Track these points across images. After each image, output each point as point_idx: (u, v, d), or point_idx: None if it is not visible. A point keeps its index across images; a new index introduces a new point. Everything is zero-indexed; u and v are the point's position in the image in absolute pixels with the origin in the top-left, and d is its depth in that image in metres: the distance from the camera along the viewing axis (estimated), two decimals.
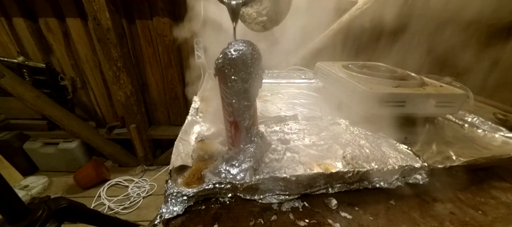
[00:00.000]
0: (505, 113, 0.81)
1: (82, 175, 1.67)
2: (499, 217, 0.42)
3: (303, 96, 0.96)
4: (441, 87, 0.70)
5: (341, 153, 0.55)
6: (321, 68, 0.93)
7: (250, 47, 0.43)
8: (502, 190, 0.49)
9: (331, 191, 0.45)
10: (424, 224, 0.40)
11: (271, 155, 0.52)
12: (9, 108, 1.77)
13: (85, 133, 1.80)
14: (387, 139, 0.58)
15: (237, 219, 0.39)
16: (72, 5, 1.49)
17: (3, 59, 1.54)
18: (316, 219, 0.40)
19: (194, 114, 0.69)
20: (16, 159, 1.68)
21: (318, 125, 0.68)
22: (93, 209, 0.85)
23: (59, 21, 1.55)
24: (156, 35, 1.61)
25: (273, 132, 0.64)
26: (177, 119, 1.95)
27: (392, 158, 0.53)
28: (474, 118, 0.75)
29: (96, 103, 1.88)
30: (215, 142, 0.59)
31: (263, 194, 0.43)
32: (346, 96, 0.73)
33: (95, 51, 1.65)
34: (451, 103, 0.66)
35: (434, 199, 0.45)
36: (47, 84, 1.65)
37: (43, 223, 0.59)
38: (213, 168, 0.47)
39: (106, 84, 1.80)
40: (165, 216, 0.38)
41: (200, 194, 0.41)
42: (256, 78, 0.45)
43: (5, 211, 0.55)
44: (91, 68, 1.72)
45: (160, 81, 1.79)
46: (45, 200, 0.64)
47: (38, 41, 1.59)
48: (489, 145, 0.64)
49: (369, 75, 0.73)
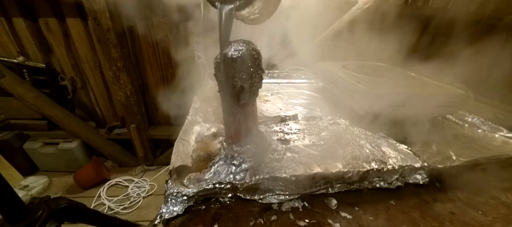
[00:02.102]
0: (505, 113, 0.81)
1: (82, 175, 1.67)
2: (499, 217, 0.42)
3: (303, 96, 0.96)
4: (441, 87, 0.70)
5: (341, 153, 0.55)
6: (321, 68, 0.93)
7: (250, 47, 0.43)
8: (502, 190, 0.49)
9: (331, 191, 0.45)
10: (424, 224, 0.40)
11: (271, 155, 0.52)
12: (9, 109, 1.77)
13: (85, 133, 1.80)
14: (387, 139, 0.58)
15: (237, 219, 0.39)
16: (72, 5, 1.49)
17: (3, 59, 1.54)
18: (316, 219, 0.40)
19: (194, 114, 0.69)
20: (16, 159, 1.68)
21: (318, 125, 0.68)
22: (93, 209, 0.85)
23: (59, 21, 1.55)
24: (156, 35, 1.61)
25: (273, 132, 0.64)
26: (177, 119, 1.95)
27: (392, 158, 0.53)
28: (474, 118, 0.75)
29: (96, 103, 1.88)
30: (215, 142, 0.59)
31: (263, 194, 0.43)
32: (346, 96, 0.73)
33: (95, 51, 1.65)
34: (451, 103, 0.66)
35: (434, 199, 0.45)
36: (47, 84, 1.64)
37: (43, 223, 0.59)
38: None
39: (106, 84, 1.80)
40: (165, 216, 0.38)
41: (200, 194, 0.41)
42: (256, 78, 0.45)
43: (5, 211, 0.55)
44: (91, 68, 1.72)
45: (160, 81, 1.79)
46: (45, 200, 0.64)
47: (38, 41, 1.58)
48: (489, 145, 0.64)
49: (369, 75, 0.73)
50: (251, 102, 0.47)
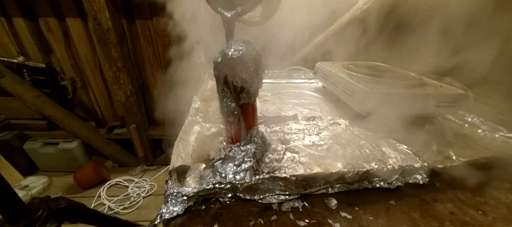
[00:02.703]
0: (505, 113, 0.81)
1: (82, 175, 1.67)
2: (499, 217, 0.42)
3: (303, 96, 0.96)
4: (441, 87, 0.70)
5: (341, 153, 0.55)
6: (321, 68, 0.93)
7: (250, 47, 0.43)
8: (502, 190, 0.49)
9: (331, 191, 0.45)
10: (424, 224, 0.40)
11: (271, 155, 0.52)
12: (9, 108, 1.77)
13: (85, 133, 1.80)
14: (387, 139, 0.58)
15: (237, 219, 0.39)
16: (72, 5, 1.49)
17: (3, 59, 1.54)
18: (316, 219, 0.40)
19: (194, 114, 0.69)
20: (16, 159, 1.68)
21: (318, 125, 0.68)
22: (93, 209, 0.85)
23: (59, 21, 1.55)
24: (156, 35, 1.61)
25: (273, 132, 0.64)
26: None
27: (392, 158, 0.53)
28: (474, 118, 0.75)
29: (96, 103, 1.88)
30: (215, 142, 0.59)
31: (263, 194, 0.43)
32: (346, 96, 0.73)
33: (95, 51, 1.65)
34: (451, 103, 0.66)
35: (434, 199, 0.45)
36: (47, 84, 1.65)
37: (43, 223, 0.59)
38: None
39: (106, 84, 1.80)
40: (165, 216, 0.38)
41: (200, 194, 0.41)
42: (256, 78, 0.45)
43: (5, 211, 0.55)
44: (91, 68, 1.72)
45: (160, 81, 1.79)
46: (45, 200, 0.64)
47: (38, 41, 1.59)
48: (489, 145, 0.64)
49: (369, 75, 0.73)
50: (251, 102, 0.47)
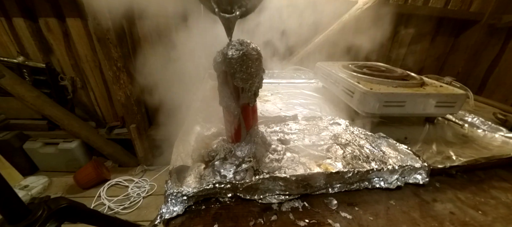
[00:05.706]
0: (505, 113, 0.81)
1: (82, 175, 1.67)
2: (499, 217, 0.42)
3: (303, 96, 0.96)
4: (441, 87, 0.70)
5: (341, 153, 0.55)
6: (321, 68, 0.93)
7: (250, 47, 0.43)
8: (502, 190, 0.49)
9: (331, 191, 0.45)
10: (424, 224, 0.40)
11: (271, 155, 0.52)
12: (9, 108, 1.77)
13: (85, 133, 1.80)
14: (387, 139, 0.58)
15: (237, 219, 0.39)
16: (72, 5, 1.49)
17: (3, 59, 1.54)
18: (316, 219, 0.40)
19: (194, 114, 0.69)
20: (16, 159, 1.68)
21: (318, 125, 0.68)
22: (93, 209, 0.85)
23: (59, 21, 1.55)
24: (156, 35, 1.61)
25: (273, 132, 0.64)
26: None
27: (392, 158, 0.53)
28: (474, 118, 0.75)
29: (96, 103, 1.88)
30: (215, 142, 0.59)
31: (263, 194, 0.43)
32: (346, 96, 0.73)
33: (95, 51, 1.65)
34: (451, 103, 0.66)
35: (434, 199, 0.45)
36: (47, 84, 1.64)
37: (43, 223, 0.59)
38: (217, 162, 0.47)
39: (106, 84, 1.80)
40: (165, 216, 0.38)
41: (200, 194, 0.41)
42: (256, 78, 0.45)
43: (5, 211, 0.55)
44: (91, 68, 1.72)
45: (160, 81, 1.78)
46: (45, 200, 0.64)
47: (38, 41, 1.58)
48: (489, 145, 0.65)
49: (369, 75, 0.74)
50: (251, 102, 0.47)
